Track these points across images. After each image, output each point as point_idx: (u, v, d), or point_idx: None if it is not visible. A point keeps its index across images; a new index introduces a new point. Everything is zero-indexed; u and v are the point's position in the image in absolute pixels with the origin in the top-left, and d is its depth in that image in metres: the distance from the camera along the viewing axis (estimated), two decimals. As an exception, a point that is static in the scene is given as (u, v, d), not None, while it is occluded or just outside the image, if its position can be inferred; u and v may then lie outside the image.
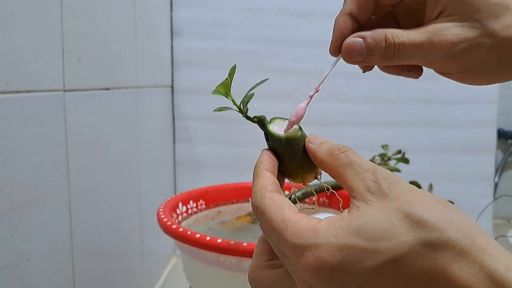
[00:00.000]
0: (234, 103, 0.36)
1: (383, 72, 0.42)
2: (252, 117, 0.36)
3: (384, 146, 1.01)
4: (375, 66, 0.40)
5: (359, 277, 0.25)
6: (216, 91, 0.36)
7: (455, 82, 0.38)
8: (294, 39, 1.22)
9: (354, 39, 0.36)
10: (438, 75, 0.41)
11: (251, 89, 0.36)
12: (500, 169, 1.47)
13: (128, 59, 0.89)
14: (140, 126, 0.96)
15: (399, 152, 1.01)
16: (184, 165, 1.28)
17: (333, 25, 0.38)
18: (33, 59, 0.55)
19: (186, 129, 1.27)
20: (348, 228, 0.26)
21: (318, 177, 0.35)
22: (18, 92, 0.52)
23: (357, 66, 0.39)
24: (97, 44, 0.74)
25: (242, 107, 0.36)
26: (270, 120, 0.36)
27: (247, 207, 0.92)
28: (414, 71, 0.41)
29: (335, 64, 0.38)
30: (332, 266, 0.26)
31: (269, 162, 0.34)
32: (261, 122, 0.36)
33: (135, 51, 0.92)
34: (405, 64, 0.37)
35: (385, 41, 0.35)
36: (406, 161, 0.98)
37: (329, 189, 0.36)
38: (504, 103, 1.33)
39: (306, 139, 0.34)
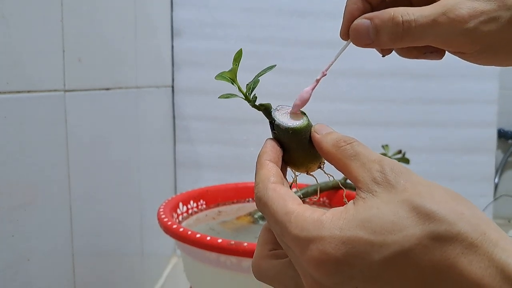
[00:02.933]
0: (240, 90, 0.35)
1: (383, 72, 0.42)
2: (258, 104, 0.35)
3: (384, 146, 1.01)
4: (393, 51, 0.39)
5: (365, 270, 0.25)
6: (220, 77, 0.35)
7: (455, 82, 0.37)
8: (294, 39, 1.22)
9: (361, 21, 0.35)
10: (438, 75, 0.40)
11: (257, 76, 0.35)
12: (501, 169, 1.47)
13: (129, 59, 0.89)
14: (141, 126, 0.96)
15: (399, 152, 1.01)
16: (184, 165, 1.28)
17: (344, 7, 0.37)
18: (34, 59, 0.55)
19: (187, 129, 1.27)
20: (353, 221, 0.26)
21: (322, 166, 0.35)
22: (18, 92, 0.52)
23: (360, 64, 0.39)
24: (97, 44, 0.74)
25: (248, 95, 0.35)
26: (276, 108, 0.35)
27: (247, 207, 0.92)
28: (436, 52, 0.38)
29: (345, 48, 0.37)
30: (336, 259, 0.25)
31: (272, 152, 0.33)
32: (267, 110, 0.35)
33: (135, 51, 0.92)
34: (418, 45, 0.35)
35: (393, 19, 0.33)
36: (406, 161, 0.98)
37: (333, 177, 0.35)
38: (504, 103, 1.33)
39: (312, 128, 0.33)
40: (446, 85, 1.24)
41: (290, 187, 0.34)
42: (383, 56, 0.39)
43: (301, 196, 0.83)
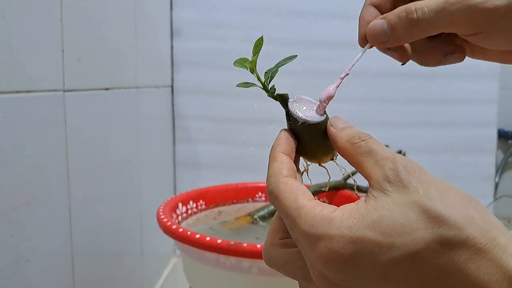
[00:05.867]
0: (259, 79, 0.35)
1: (383, 72, 0.42)
2: (275, 94, 0.35)
3: (384, 146, 1.01)
4: (417, 65, 0.38)
5: (372, 270, 0.25)
6: (239, 64, 0.35)
7: (455, 82, 0.37)
8: (294, 39, 1.22)
9: (376, 21, 0.36)
10: (438, 75, 0.40)
11: (277, 65, 0.35)
12: (501, 169, 1.47)
13: (128, 59, 0.89)
14: (140, 126, 0.95)
15: (399, 152, 1.01)
16: (184, 165, 1.28)
17: (358, 19, 0.37)
18: (33, 59, 0.55)
19: (186, 129, 1.27)
20: (363, 221, 0.26)
21: (334, 158, 0.34)
22: (18, 92, 0.52)
23: (360, 64, 0.38)
24: (97, 44, 0.74)
25: (266, 84, 0.35)
26: (294, 99, 0.35)
27: (247, 207, 0.91)
28: (457, 53, 0.38)
29: (365, 51, 0.37)
30: (344, 258, 0.25)
31: (286, 144, 0.33)
32: (284, 101, 0.34)
33: (135, 51, 0.92)
34: (432, 33, 0.35)
35: (406, 10, 0.34)
36: (406, 161, 0.98)
37: (345, 170, 0.35)
38: (504, 103, 1.33)
39: (329, 121, 0.33)
40: (446, 85, 1.24)
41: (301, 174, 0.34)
42: (402, 64, 0.39)
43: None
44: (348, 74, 0.36)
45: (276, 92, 0.35)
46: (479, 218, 0.25)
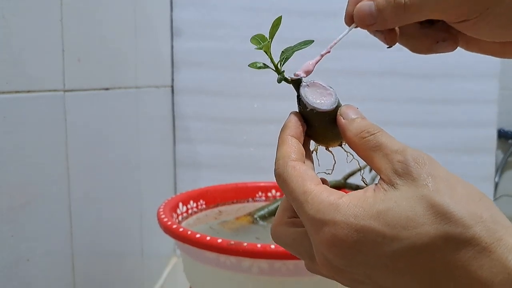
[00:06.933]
0: (272, 62, 0.35)
1: (383, 72, 0.41)
2: (287, 77, 0.35)
3: (384, 146, 1.01)
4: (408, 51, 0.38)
5: (376, 259, 0.25)
6: (257, 42, 0.35)
7: (455, 82, 0.36)
8: (294, 39, 1.22)
9: (364, 2, 0.35)
10: (438, 75, 0.40)
11: (293, 49, 0.36)
12: (501, 169, 1.47)
13: (128, 59, 0.89)
14: (140, 126, 0.95)
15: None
16: (184, 165, 1.28)
17: None
18: (33, 59, 0.55)
19: (186, 129, 1.27)
20: (369, 210, 0.26)
21: (343, 144, 0.34)
22: (18, 92, 0.52)
23: (360, 63, 0.38)
24: (97, 44, 0.74)
25: (279, 67, 0.35)
26: (307, 84, 0.35)
27: (247, 207, 0.91)
28: (449, 41, 0.37)
29: (349, 31, 0.37)
30: (348, 245, 0.26)
31: (295, 127, 0.33)
32: (297, 84, 0.35)
33: (135, 51, 0.92)
34: (420, 18, 0.34)
35: None
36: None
37: (352, 156, 0.35)
38: (504, 103, 1.33)
39: (339, 111, 0.33)
40: (446, 85, 1.24)
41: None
42: (388, 47, 0.38)
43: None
44: (329, 52, 0.37)
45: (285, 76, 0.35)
46: (488, 217, 0.24)
